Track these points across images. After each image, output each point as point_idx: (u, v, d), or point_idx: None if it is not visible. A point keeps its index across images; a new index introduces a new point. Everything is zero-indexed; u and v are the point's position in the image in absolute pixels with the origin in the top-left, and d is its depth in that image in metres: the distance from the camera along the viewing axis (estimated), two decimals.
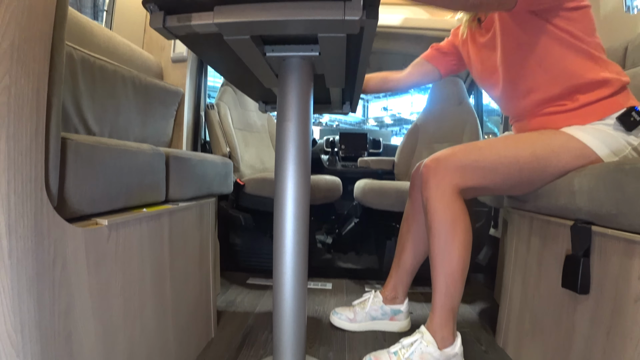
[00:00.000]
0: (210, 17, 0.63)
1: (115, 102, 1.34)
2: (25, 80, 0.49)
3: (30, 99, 0.51)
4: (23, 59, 0.49)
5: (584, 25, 0.92)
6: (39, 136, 0.52)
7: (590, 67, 0.92)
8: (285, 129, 0.79)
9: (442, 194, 0.90)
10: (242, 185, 1.86)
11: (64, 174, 0.60)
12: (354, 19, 0.57)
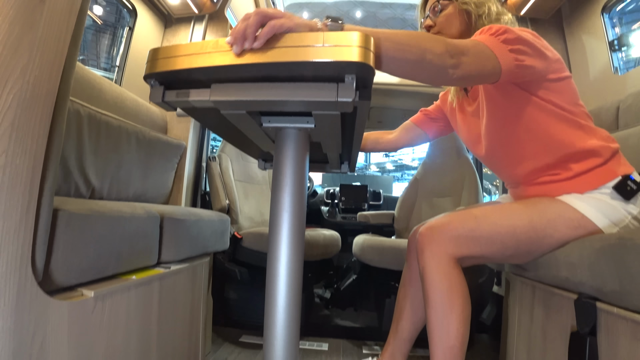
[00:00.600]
0: (207, 94, 0.65)
1: (117, 156, 1.36)
2: (21, 159, 0.50)
3: (25, 177, 0.51)
4: (21, 138, 0.50)
5: (567, 95, 0.94)
6: (29, 213, 0.52)
7: (579, 135, 0.93)
8: (279, 199, 0.78)
9: (438, 263, 0.88)
10: (239, 238, 1.83)
11: (52, 247, 0.60)
12: (347, 100, 0.58)
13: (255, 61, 0.58)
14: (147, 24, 1.91)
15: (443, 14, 1.05)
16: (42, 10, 0.51)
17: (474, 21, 1.02)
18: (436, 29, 1.07)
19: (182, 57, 0.64)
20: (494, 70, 0.80)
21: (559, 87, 0.93)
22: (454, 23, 1.05)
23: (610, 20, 1.65)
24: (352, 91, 0.58)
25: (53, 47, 0.53)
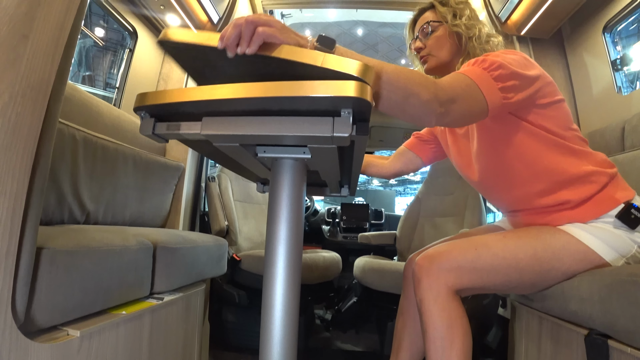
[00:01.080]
0: (199, 127, 0.63)
1: (113, 180, 1.34)
2: (0, 200, 0.48)
3: (5, 219, 0.49)
4: (2, 180, 0.48)
5: (559, 119, 0.91)
6: (9, 256, 0.50)
7: (571, 161, 0.90)
8: (275, 231, 0.75)
9: (436, 296, 0.84)
10: (238, 260, 1.80)
11: (35, 287, 0.57)
12: (344, 135, 0.56)
13: (249, 95, 0.56)
14: (147, 45, 1.92)
15: (433, 35, 1.04)
16: (25, 46, 0.49)
17: (464, 43, 1.01)
18: (426, 51, 1.05)
19: (172, 91, 0.62)
20: (481, 111, 0.78)
21: (550, 111, 0.91)
22: (445, 45, 1.03)
23: (612, 39, 1.64)
24: (348, 126, 0.56)
25: (37, 84, 0.52)
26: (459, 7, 1.03)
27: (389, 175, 1.32)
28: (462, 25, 1.00)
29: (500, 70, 0.79)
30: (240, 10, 2.17)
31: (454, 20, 1.01)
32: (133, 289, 0.86)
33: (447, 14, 1.02)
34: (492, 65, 0.80)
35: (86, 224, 1.23)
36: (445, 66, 1.05)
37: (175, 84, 2.01)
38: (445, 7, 1.04)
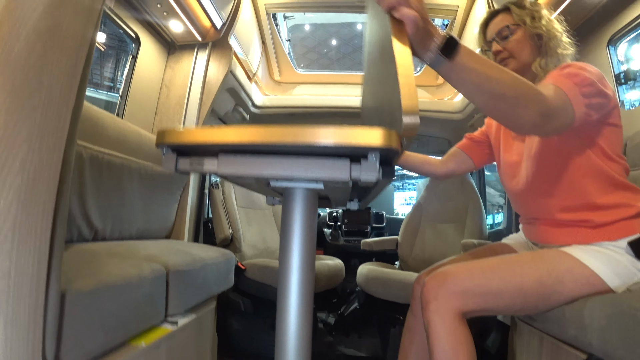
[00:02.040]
0: (216, 164, 0.63)
1: (120, 195, 1.34)
2: (26, 258, 0.48)
3: (31, 276, 0.49)
4: (24, 237, 0.48)
5: (614, 144, 0.93)
6: (37, 312, 0.50)
7: (609, 190, 0.91)
8: (288, 259, 0.76)
9: (443, 319, 0.86)
10: (243, 269, 1.81)
11: (61, 334, 0.58)
12: (370, 180, 0.56)
13: (268, 141, 0.56)
14: (150, 51, 1.90)
15: (513, 39, 1.03)
16: (41, 95, 0.48)
17: (544, 44, 1.01)
18: (506, 54, 1.05)
19: (192, 131, 0.62)
20: (568, 124, 0.80)
21: (609, 132, 0.92)
22: (525, 48, 1.03)
23: (616, 53, 1.65)
24: (375, 171, 0.55)
25: (53, 131, 0.51)
26: (536, 9, 1.03)
27: (441, 175, 1.30)
28: (542, 27, 1.00)
29: (589, 88, 0.81)
30: (243, 15, 2.15)
31: (533, 22, 1.01)
32: (149, 317, 0.87)
33: (525, 17, 1.02)
34: (584, 81, 0.81)
35: (94, 241, 1.24)
36: (524, 68, 1.05)
37: (178, 89, 1.99)
38: (523, 9, 1.03)
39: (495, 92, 0.67)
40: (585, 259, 0.87)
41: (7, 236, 0.46)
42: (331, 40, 3.25)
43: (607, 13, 1.59)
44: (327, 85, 2.86)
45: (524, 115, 0.70)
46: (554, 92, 0.78)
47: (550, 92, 0.76)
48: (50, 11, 0.48)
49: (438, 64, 0.64)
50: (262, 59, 2.71)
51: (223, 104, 2.18)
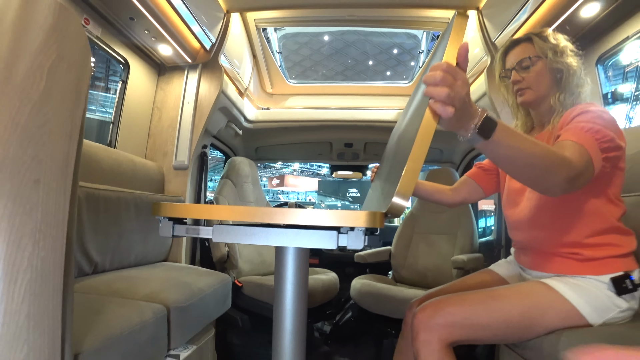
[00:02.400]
0: (210, 232, 0.69)
1: (117, 227, 1.38)
2: (41, 339, 0.53)
3: (47, 352, 0.54)
4: (38, 322, 0.52)
5: (618, 186, 0.98)
6: None
7: (604, 231, 0.96)
8: (281, 316, 0.81)
9: (432, 350, 0.92)
10: (240, 286, 1.86)
11: None
12: (357, 248, 0.62)
13: (256, 221, 0.62)
14: (140, 74, 1.92)
15: (533, 70, 1.05)
16: (38, 192, 0.51)
17: (564, 79, 1.03)
18: (525, 84, 1.07)
19: (187, 206, 0.67)
20: (588, 180, 0.84)
21: (614, 176, 0.96)
22: (544, 81, 1.05)
23: (605, 72, 1.70)
24: (361, 240, 0.62)
25: (54, 223, 0.55)
26: (559, 43, 1.03)
27: (452, 204, 1.32)
28: (564, 63, 1.02)
29: (608, 144, 0.85)
30: (233, 30, 2.17)
31: (555, 56, 1.02)
32: (152, 356, 0.92)
33: (547, 50, 1.03)
34: (604, 137, 0.85)
35: (95, 274, 1.28)
36: (540, 100, 1.08)
37: (170, 111, 2.02)
38: (545, 42, 1.04)
39: (527, 164, 0.72)
40: (568, 293, 0.92)
41: (22, 325, 0.50)
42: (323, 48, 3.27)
43: (596, 33, 1.63)
44: (319, 97, 2.90)
45: (554, 182, 0.75)
46: (577, 152, 0.81)
47: (574, 155, 0.80)
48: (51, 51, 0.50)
49: (476, 141, 0.67)
50: (254, 72, 2.73)
51: (216, 123, 2.21)
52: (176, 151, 1.89)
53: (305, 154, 3.06)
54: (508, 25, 1.80)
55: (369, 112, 2.58)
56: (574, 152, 0.81)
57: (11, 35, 0.46)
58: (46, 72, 0.47)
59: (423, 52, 2.84)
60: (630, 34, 1.52)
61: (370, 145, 2.78)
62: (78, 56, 0.52)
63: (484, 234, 2.98)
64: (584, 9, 1.53)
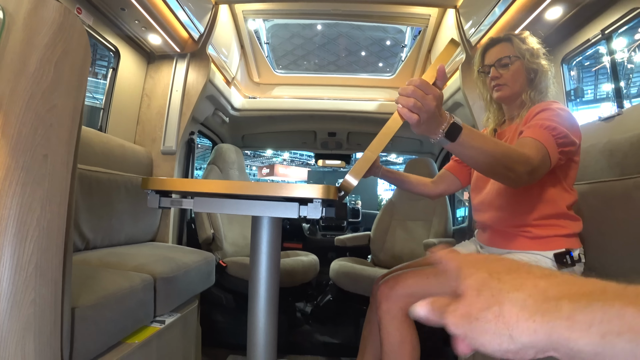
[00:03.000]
0: (191, 204, 0.80)
1: (108, 207, 1.47)
2: (45, 289, 0.63)
3: (51, 303, 0.64)
4: (44, 273, 0.63)
5: (572, 177, 1.10)
6: (56, 327, 0.66)
7: (554, 215, 1.08)
8: (256, 283, 0.93)
9: (392, 318, 1.04)
10: (224, 266, 1.97)
11: (73, 341, 0.73)
12: (315, 217, 0.74)
13: (234, 192, 0.73)
14: (130, 62, 1.99)
15: (511, 68, 1.15)
16: (47, 165, 0.62)
17: (537, 79, 1.14)
18: (502, 81, 1.17)
19: (172, 180, 0.78)
20: (545, 171, 0.95)
21: (569, 168, 1.08)
22: (520, 79, 1.15)
23: (569, 71, 1.83)
24: (318, 211, 0.74)
25: (58, 194, 0.65)
26: (536, 46, 1.15)
27: (434, 195, 1.42)
28: (539, 64, 1.13)
29: (564, 139, 0.96)
30: (222, 20, 2.24)
31: (532, 58, 1.13)
32: (140, 319, 1.03)
33: (525, 51, 1.13)
34: (560, 133, 0.96)
35: (86, 250, 1.37)
36: (515, 96, 1.18)
37: (159, 99, 2.09)
38: (524, 44, 1.14)
39: (490, 162, 0.82)
40: None
41: (31, 274, 0.61)
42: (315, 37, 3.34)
43: (562, 34, 1.75)
44: (305, 87, 2.99)
45: (514, 176, 0.86)
46: (535, 149, 0.92)
47: (532, 151, 0.91)
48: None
49: (444, 143, 0.78)
50: (242, 62, 2.81)
51: (203, 110, 2.29)
52: (164, 137, 1.98)
53: (290, 142, 3.16)
54: (481, 23, 1.91)
55: (352, 103, 2.69)
56: (532, 149, 0.92)
57: (23, 34, 0.55)
58: (54, 65, 0.57)
59: (406, 47, 2.94)
60: (591, 37, 1.65)
61: (354, 135, 2.89)
62: (80, 52, 0.62)
63: (463, 222, 3.13)
64: (549, 11, 1.65)
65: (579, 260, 1.06)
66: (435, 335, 1.96)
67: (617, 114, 1.50)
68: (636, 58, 1.85)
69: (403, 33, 3.04)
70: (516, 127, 1.17)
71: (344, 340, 2.19)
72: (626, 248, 1.12)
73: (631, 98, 2.50)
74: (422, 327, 1.95)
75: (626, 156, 1.20)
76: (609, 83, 1.68)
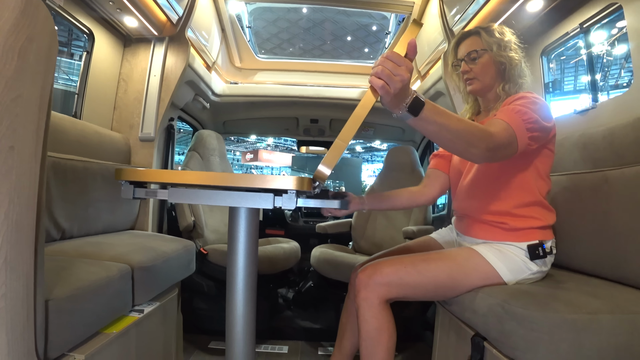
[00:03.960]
0: (166, 195, 0.79)
1: (85, 197, 1.44)
2: (16, 282, 0.62)
3: (22, 295, 0.63)
4: (14, 267, 0.62)
5: (548, 165, 1.12)
6: (29, 320, 0.65)
7: (529, 205, 1.11)
8: (235, 263, 0.93)
9: (370, 305, 1.07)
10: (205, 254, 1.97)
11: (48, 333, 0.72)
12: (290, 208, 0.74)
13: (209, 183, 0.72)
14: (105, 45, 1.92)
15: (480, 61, 1.17)
16: (13, 157, 0.59)
17: (507, 71, 1.15)
18: (472, 75, 1.19)
19: (146, 171, 0.77)
20: (512, 153, 0.97)
21: (545, 156, 1.11)
22: (489, 72, 1.17)
23: (548, 63, 1.85)
24: (293, 202, 0.74)
25: (27, 185, 0.64)
26: (502, 38, 1.15)
27: (431, 200, 1.39)
28: (507, 57, 1.14)
29: (533, 124, 0.98)
30: (201, 3, 2.17)
31: (499, 50, 1.14)
32: (118, 308, 1.03)
33: (492, 44, 1.15)
34: (530, 118, 0.97)
35: (62, 240, 1.35)
36: (487, 89, 1.20)
37: (136, 84, 2.03)
38: (491, 37, 1.15)
39: (452, 137, 0.83)
40: (490, 258, 1.09)
41: (1, 268, 0.60)
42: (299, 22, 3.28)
43: (542, 26, 1.77)
44: (287, 73, 2.96)
45: (475, 151, 0.87)
46: (502, 128, 0.94)
47: (498, 129, 0.93)
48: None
49: (406, 118, 0.78)
50: (222, 46, 2.75)
51: (183, 96, 2.24)
52: (142, 123, 1.93)
53: (272, 128, 3.13)
54: (465, 12, 1.92)
55: (335, 89, 2.68)
56: (498, 127, 0.94)
57: None
58: (17, 53, 0.54)
59: (390, 33, 2.93)
60: (570, 30, 1.67)
61: (336, 122, 2.89)
62: (46, 38, 0.59)
63: (443, 210, 3.19)
64: (530, 3, 1.67)
65: (550, 252, 1.10)
66: (414, 322, 2.02)
67: (592, 107, 1.54)
68: (613, 52, 1.89)
69: (388, 19, 3.02)
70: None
71: (325, 325, 2.24)
72: (594, 239, 1.17)
73: (609, 90, 2.58)
74: (400, 314, 2.03)
75: (598, 149, 1.25)
76: (586, 76, 1.72)
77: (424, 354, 1.94)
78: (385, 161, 2.63)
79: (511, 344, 0.86)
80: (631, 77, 1.33)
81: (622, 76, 3.10)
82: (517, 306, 0.87)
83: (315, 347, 1.96)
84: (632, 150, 1.10)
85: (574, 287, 1.01)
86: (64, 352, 0.80)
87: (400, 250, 1.39)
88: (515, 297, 0.91)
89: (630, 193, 1.04)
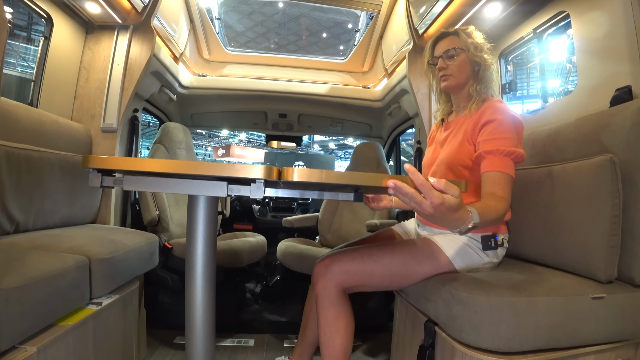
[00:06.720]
0: (137, 184, 0.79)
1: (41, 188, 1.39)
2: None
3: None
4: None
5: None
6: None
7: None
8: (194, 250, 0.94)
9: (328, 294, 1.11)
10: (170, 248, 1.95)
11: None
12: (258, 197, 0.76)
13: (175, 171, 0.73)
14: (65, 31, 1.85)
15: (457, 59, 1.23)
16: None
17: (481, 71, 1.22)
18: (448, 72, 1.24)
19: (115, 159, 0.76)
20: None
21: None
22: (465, 70, 1.23)
23: (506, 65, 1.95)
24: (261, 191, 0.76)
25: None
26: (480, 41, 1.22)
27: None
28: (482, 58, 1.21)
29: (518, 158, 1.07)
30: None
31: (475, 51, 1.20)
32: (74, 300, 1.01)
33: (470, 45, 1.21)
34: (517, 157, 1.07)
35: (16, 233, 1.30)
36: (460, 87, 1.26)
37: (98, 73, 1.97)
38: (470, 38, 1.22)
39: (492, 223, 0.93)
40: (445, 247, 1.14)
41: None
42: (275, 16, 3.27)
43: (500, 30, 1.86)
44: (256, 66, 2.95)
45: (501, 219, 0.97)
46: (505, 183, 1.04)
47: (505, 188, 1.03)
48: None
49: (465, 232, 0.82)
50: (191, 37, 2.70)
51: (148, 87, 2.19)
52: (104, 114, 1.88)
53: (241, 122, 3.11)
54: (428, 13, 1.99)
55: (304, 85, 2.69)
56: (502, 186, 1.04)
57: None
58: None
59: (359, 31, 2.98)
60: (525, 34, 1.77)
61: (304, 117, 2.91)
62: None
63: None
64: (488, 7, 1.75)
65: (502, 244, 1.17)
66: (378, 313, 2.09)
67: (542, 108, 1.65)
68: (562, 57, 2.02)
69: (358, 17, 3.07)
70: (464, 120, 1.25)
71: (291, 318, 2.27)
72: (539, 230, 1.25)
73: (561, 93, 2.74)
74: (364, 305, 2.08)
75: (544, 146, 1.33)
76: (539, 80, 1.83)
77: (386, 343, 2.00)
78: (352, 157, 2.68)
79: (458, 327, 0.92)
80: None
81: (571, 80, 3.30)
82: (464, 291, 0.93)
83: (281, 340, 1.98)
84: (573, 147, 1.19)
85: (517, 274, 1.08)
86: (15, 345, 0.78)
87: (362, 242, 1.44)
88: (463, 283, 0.97)
89: (570, 186, 1.13)
